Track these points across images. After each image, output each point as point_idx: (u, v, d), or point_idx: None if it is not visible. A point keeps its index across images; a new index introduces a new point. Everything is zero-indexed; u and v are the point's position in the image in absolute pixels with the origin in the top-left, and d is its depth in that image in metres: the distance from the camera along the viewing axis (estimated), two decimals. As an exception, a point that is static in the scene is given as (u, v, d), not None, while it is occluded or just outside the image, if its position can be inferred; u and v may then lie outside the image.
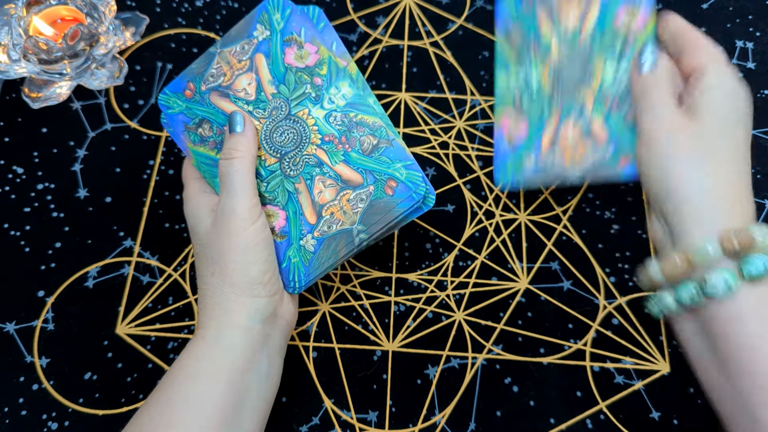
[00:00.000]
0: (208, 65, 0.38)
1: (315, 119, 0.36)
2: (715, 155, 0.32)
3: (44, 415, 0.40)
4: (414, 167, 0.35)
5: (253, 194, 0.35)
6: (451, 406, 0.40)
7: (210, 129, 0.38)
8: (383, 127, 0.35)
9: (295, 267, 0.36)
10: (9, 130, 0.49)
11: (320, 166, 0.36)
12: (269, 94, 0.37)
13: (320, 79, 0.36)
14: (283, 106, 0.36)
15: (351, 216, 0.35)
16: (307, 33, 0.36)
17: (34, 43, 0.44)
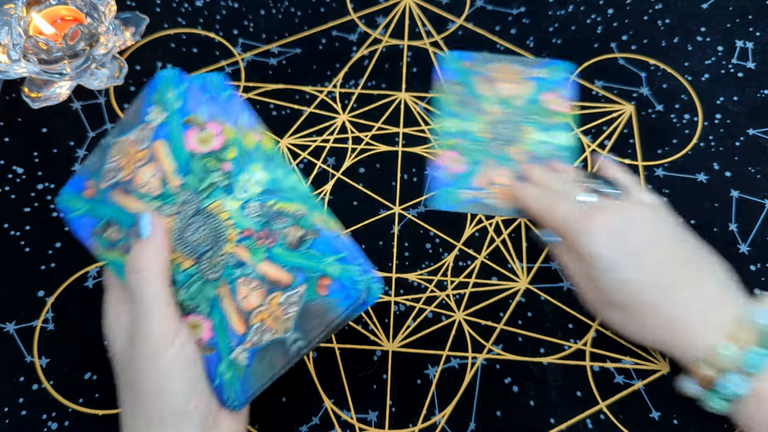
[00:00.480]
0: (105, 159, 0.33)
1: (229, 212, 0.31)
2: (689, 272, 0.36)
3: (44, 415, 0.40)
4: (348, 260, 0.29)
5: (168, 310, 0.30)
6: (451, 406, 0.40)
7: (118, 231, 0.33)
8: (307, 216, 0.30)
9: (229, 384, 0.31)
10: (9, 130, 0.49)
11: (241, 266, 0.31)
12: (176, 186, 0.32)
13: (229, 164, 0.31)
14: (193, 199, 0.31)
15: (283, 322, 0.30)
16: (207, 111, 0.31)
17: (34, 43, 0.44)
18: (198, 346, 0.32)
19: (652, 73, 0.51)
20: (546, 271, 0.44)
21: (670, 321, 0.35)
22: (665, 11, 0.54)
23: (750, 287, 0.43)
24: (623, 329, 0.38)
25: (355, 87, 0.51)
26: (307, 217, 0.30)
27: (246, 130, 0.32)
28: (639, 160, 0.48)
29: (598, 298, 0.38)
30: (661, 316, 0.35)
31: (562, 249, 0.39)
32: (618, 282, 0.35)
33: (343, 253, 0.30)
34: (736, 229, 0.45)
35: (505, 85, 0.45)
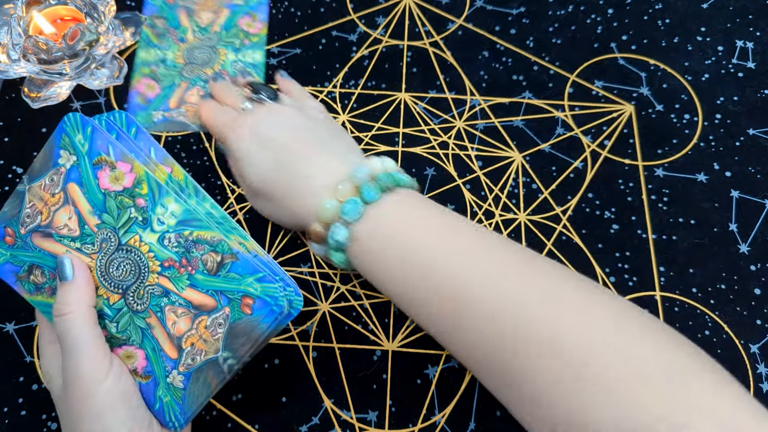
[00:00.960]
0: (21, 204, 0.34)
1: (149, 245, 0.32)
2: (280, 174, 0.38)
3: (44, 415, 0.40)
4: (268, 278, 0.31)
5: (98, 348, 0.31)
6: (451, 406, 0.40)
7: (42, 275, 0.34)
8: (224, 241, 0.32)
9: (169, 406, 0.33)
10: (9, 130, 0.49)
11: (167, 295, 0.32)
12: (93, 226, 0.33)
13: (143, 200, 0.32)
14: (112, 237, 0.33)
15: (213, 343, 0.32)
16: (116, 150, 0.32)
17: (34, 42, 0.44)
18: (135, 375, 0.33)
19: (652, 73, 0.51)
20: (546, 271, 0.44)
21: (296, 195, 0.37)
22: (665, 11, 0.54)
23: (750, 287, 0.43)
24: (271, 217, 0.40)
25: (355, 87, 0.51)
26: (224, 243, 0.32)
27: (157, 164, 0.33)
28: (639, 160, 0.48)
29: (248, 192, 0.40)
30: (289, 194, 0.37)
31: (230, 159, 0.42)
32: (253, 170, 0.38)
33: (261, 272, 0.31)
34: (736, 229, 0.45)
35: (205, 14, 0.50)
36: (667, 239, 0.45)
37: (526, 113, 0.50)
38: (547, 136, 0.49)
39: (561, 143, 0.49)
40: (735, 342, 0.42)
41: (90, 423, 0.30)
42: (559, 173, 0.47)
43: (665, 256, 0.44)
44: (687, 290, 0.43)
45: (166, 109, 0.49)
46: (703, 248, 0.45)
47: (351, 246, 0.35)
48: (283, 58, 0.52)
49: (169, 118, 0.49)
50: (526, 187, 0.47)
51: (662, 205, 0.46)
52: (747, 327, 0.42)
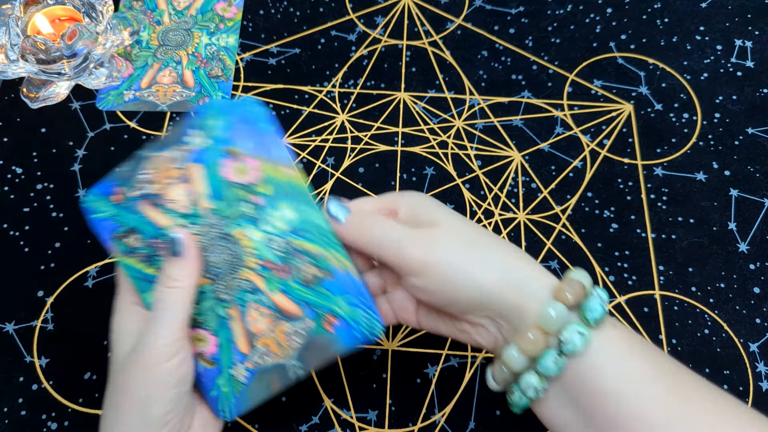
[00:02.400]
0: (138, 169, 0.34)
1: (253, 242, 0.33)
2: (476, 238, 0.32)
3: (44, 415, 0.40)
4: (356, 303, 0.32)
5: (182, 328, 0.31)
6: (451, 405, 0.40)
7: (139, 240, 0.34)
8: (326, 258, 0.32)
9: (225, 397, 0.33)
10: (8, 130, 0.49)
11: (255, 292, 0.33)
12: (204, 209, 0.33)
13: (261, 199, 0.32)
14: (219, 224, 0.33)
15: (286, 350, 0.32)
16: (247, 144, 0.32)
17: (32, 43, 0.44)
18: (200, 358, 0.33)
19: (651, 72, 0.51)
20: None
21: (507, 255, 0.31)
22: (664, 10, 0.54)
23: (749, 286, 0.43)
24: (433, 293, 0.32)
25: (354, 87, 0.51)
26: (326, 259, 0.32)
27: (279, 165, 0.33)
28: (638, 159, 0.48)
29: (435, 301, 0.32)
30: (501, 249, 0.32)
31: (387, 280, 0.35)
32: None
33: (352, 296, 0.32)
34: (735, 228, 0.45)
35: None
36: (666, 238, 0.45)
37: (525, 112, 0.50)
38: (547, 136, 0.49)
39: (560, 142, 0.49)
40: (734, 341, 0.42)
41: (143, 390, 0.30)
42: (558, 172, 0.47)
43: (664, 255, 0.44)
44: (686, 289, 0.43)
45: (138, 88, 0.50)
46: (702, 247, 0.45)
47: (564, 376, 0.30)
48: (282, 58, 0.52)
49: (140, 97, 0.49)
50: (525, 186, 0.47)
51: (661, 204, 0.46)
52: (746, 326, 0.42)
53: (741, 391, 0.40)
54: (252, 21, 0.54)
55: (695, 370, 0.41)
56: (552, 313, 0.29)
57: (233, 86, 0.51)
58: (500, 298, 0.30)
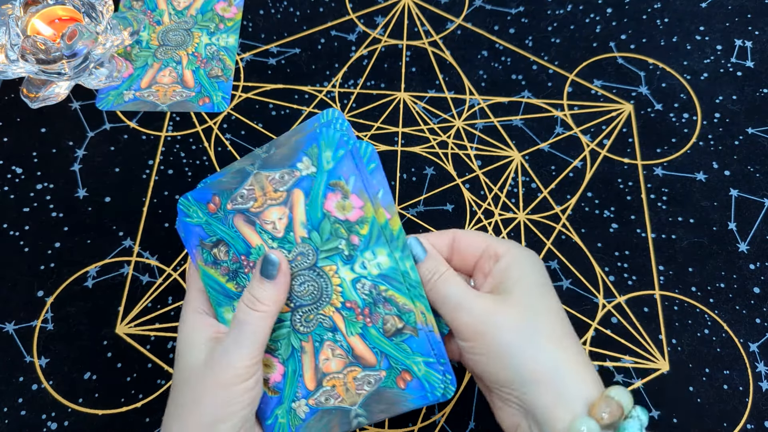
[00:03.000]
0: (241, 183, 0.33)
1: (342, 279, 0.32)
2: (544, 324, 0.31)
3: (44, 415, 0.40)
4: (435, 366, 0.31)
5: (261, 351, 0.31)
6: (451, 405, 0.40)
7: (226, 253, 0.33)
8: (413, 313, 0.31)
9: (281, 428, 0.33)
10: (8, 130, 0.49)
11: (334, 331, 0.32)
12: (299, 237, 0.32)
13: (358, 239, 0.31)
14: (311, 255, 0.32)
15: (353, 396, 0.32)
16: (356, 183, 0.31)
17: (32, 43, 0.44)
18: (264, 385, 0.33)
19: (651, 72, 0.51)
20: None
21: (535, 374, 0.30)
22: (664, 10, 0.54)
23: (749, 286, 0.43)
24: (478, 367, 0.32)
25: (354, 87, 0.51)
26: (412, 314, 0.31)
27: (381, 208, 0.32)
28: (638, 159, 0.48)
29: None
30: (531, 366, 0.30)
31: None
32: None
33: (432, 358, 0.31)
34: (735, 228, 0.45)
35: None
36: (666, 238, 0.45)
37: (525, 112, 0.50)
38: (547, 136, 0.49)
39: (560, 142, 0.49)
40: (734, 340, 0.42)
41: (215, 408, 0.30)
42: (558, 172, 0.47)
43: (664, 255, 0.44)
44: (686, 289, 0.43)
45: (138, 88, 0.50)
46: (702, 247, 0.45)
47: None
48: (282, 58, 0.52)
49: (139, 97, 0.49)
50: (525, 186, 0.47)
51: (661, 204, 0.46)
52: (746, 325, 0.42)
53: (741, 391, 0.40)
54: (252, 21, 0.54)
55: (695, 370, 0.41)
56: (583, 430, 0.28)
57: (233, 86, 0.51)
58: (536, 395, 0.29)
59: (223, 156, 0.48)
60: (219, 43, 0.52)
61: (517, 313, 0.31)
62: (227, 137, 0.49)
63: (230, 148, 0.48)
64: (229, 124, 0.49)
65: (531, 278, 0.32)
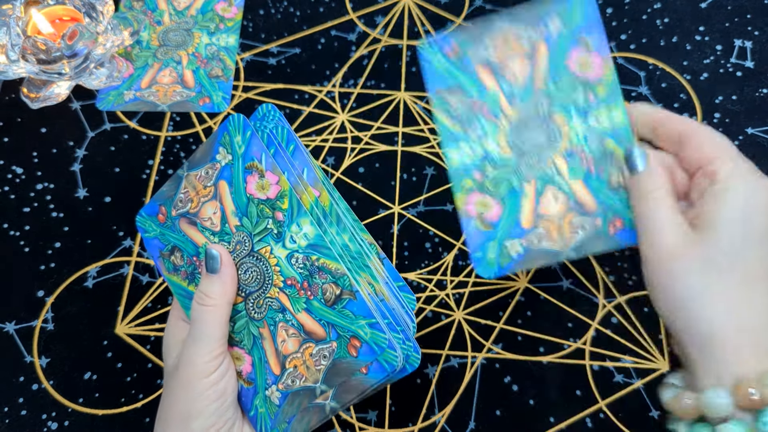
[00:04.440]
0: (177, 188, 0.35)
1: (277, 259, 0.32)
2: (742, 281, 0.28)
3: (44, 415, 0.40)
4: (379, 326, 0.30)
5: (219, 345, 0.32)
6: (451, 406, 0.40)
7: (181, 258, 0.35)
8: (347, 276, 0.31)
9: (262, 418, 0.33)
10: (8, 130, 0.49)
11: (283, 311, 0.32)
12: (233, 226, 0.33)
13: (282, 214, 0.32)
14: (247, 241, 0.33)
15: (314, 373, 0.32)
16: (267, 159, 0.32)
17: (33, 43, 0.44)
18: (239, 378, 0.34)
19: (650, 72, 0.51)
20: (545, 270, 0.44)
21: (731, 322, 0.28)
22: (664, 10, 0.54)
23: (749, 286, 0.43)
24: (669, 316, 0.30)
25: (354, 86, 0.51)
26: (346, 277, 0.31)
27: (306, 185, 0.33)
28: (638, 159, 0.48)
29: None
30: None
31: None
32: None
33: (375, 319, 0.30)
34: (735, 227, 0.45)
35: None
36: (666, 238, 0.45)
37: (525, 113, 0.50)
38: (547, 136, 0.49)
39: (560, 142, 0.49)
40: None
41: (184, 405, 0.31)
42: (558, 172, 0.47)
43: (664, 255, 0.44)
44: (686, 289, 0.43)
45: (138, 88, 0.50)
46: (702, 247, 0.45)
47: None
48: (282, 58, 0.52)
49: (140, 97, 0.49)
50: (525, 186, 0.47)
51: (661, 204, 0.46)
52: (746, 326, 0.42)
53: (741, 391, 0.40)
54: (252, 21, 0.54)
55: (695, 370, 0.41)
56: (721, 403, 0.27)
57: (233, 86, 0.51)
58: (699, 353, 0.28)
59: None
60: (219, 43, 0.52)
61: (709, 265, 0.28)
62: (227, 137, 0.49)
63: (230, 148, 0.48)
64: (229, 124, 0.49)
65: (744, 227, 0.28)
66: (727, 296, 0.28)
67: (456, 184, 0.35)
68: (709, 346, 0.28)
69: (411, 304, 0.33)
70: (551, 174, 0.31)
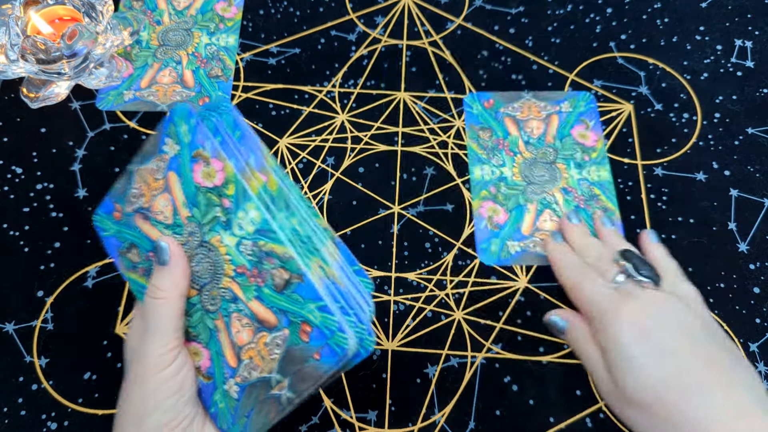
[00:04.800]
0: (129, 184, 0.34)
1: (227, 247, 0.32)
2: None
3: (43, 415, 0.40)
4: (328, 309, 0.29)
5: (173, 338, 0.31)
6: (451, 405, 0.40)
7: (138, 255, 0.34)
8: (294, 260, 0.30)
9: (222, 414, 0.33)
10: (8, 130, 0.49)
11: (236, 301, 0.32)
12: (184, 218, 0.33)
13: (228, 201, 0.31)
14: (197, 232, 0.32)
15: (269, 362, 0.31)
16: (212, 146, 0.31)
17: (32, 43, 0.44)
18: (199, 373, 0.33)
19: (651, 72, 0.51)
20: (545, 270, 0.44)
21: (695, 426, 0.31)
22: (664, 10, 0.54)
23: (749, 286, 0.43)
24: (641, 430, 0.33)
25: (354, 87, 0.51)
26: (293, 261, 0.30)
27: (253, 171, 0.32)
28: (638, 159, 0.48)
29: (618, 393, 0.34)
30: (686, 421, 0.31)
31: (583, 334, 0.37)
32: (643, 379, 0.32)
33: (323, 301, 0.29)
34: (735, 227, 0.45)
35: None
36: (666, 238, 0.45)
37: (525, 112, 0.50)
38: (547, 136, 0.49)
39: (560, 142, 0.49)
40: (734, 340, 0.42)
41: (138, 402, 0.31)
42: (558, 172, 0.47)
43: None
44: (686, 289, 0.43)
45: (138, 88, 0.50)
46: (702, 247, 0.45)
47: None
48: (282, 58, 0.52)
49: (139, 97, 0.49)
50: (525, 186, 0.47)
51: (661, 204, 0.46)
52: (746, 325, 0.42)
53: (741, 391, 0.40)
54: (252, 21, 0.54)
55: (695, 370, 0.41)
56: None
57: (233, 86, 0.51)
58: None
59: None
60: (219, 43, 0.52)
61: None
62: (227, 137, 0.49)
63: (230, 148, 0.48)
64: (229, 124, 0.49)
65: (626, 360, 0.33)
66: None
67: (475, 192, 0.46)
68: None
69: (368, 288, 0.33)
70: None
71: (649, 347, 0.33)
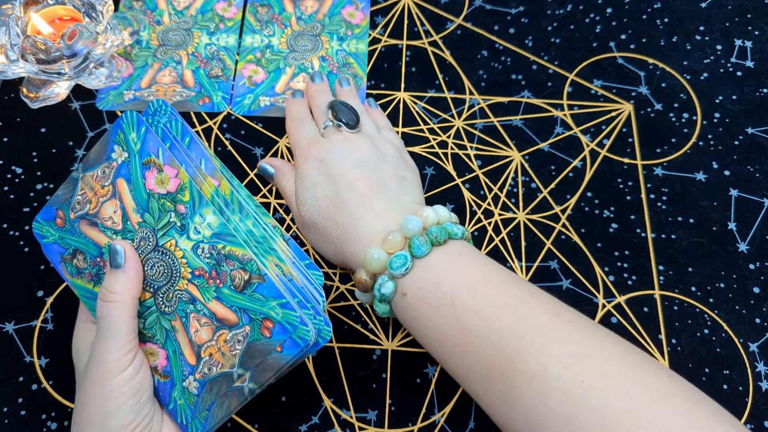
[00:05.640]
0: (74, 191, 0.35)
1: (183, 251, 0.33)
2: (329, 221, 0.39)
3: (43, 415, 0.40)
4: (290, 306, 0.31)
5: (129, 340, 0.32)
6: (451, 405, 0.40)
7: (84, 260, 0.35)
8: (254, 261, 0.32)
9: (182, 409, 0.34)
10: (8, 130, 0.49)
11: (194, 302, 0.33)
12: (135, 223, 0.34)
13: (183, 207, 0.32)
14: (150, 237, 0.33)
15: (230, 358, 0.32)
16: (165, 153, 0.33)
17: (32, 42, 0.44)
18: (155, 372, 0.34)
19: (650, 72, 0.51)
20: (545, 270, 0.44)
21: (347, 238, 0.37)
22: (664, 10, 0.54)
23: (749, 286, 0.43)
24: (318, 250, 0.41)
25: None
26: (253, 262, 0.32)
27: (205, 176, 0.34)
28: (638, 159, 0.48)
29: (301, 220, 0.41)
30: (341, 235, 0.38)
31: (287, 176, 0.43)
32: (311, 201, 0.39)
33: (285, 299, 0.31)
34: (735, 227, 0.45)
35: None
36: (666, 238, 0.45)
37: (525, 112, 0.50)
38: (546, 136, 0.49)
39: (560, 142, 0.49)
40: (734, 340, 0.42)
41: (99, 404, 0.31)
42: (558, 172, 0.47)
43: (664, 255, 0.44)
44: (686, 289, 0.43)
45: (138, 88, 0.50)
46: (702, 247, 0.45)
47: (396, 298, 0.36)
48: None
49: (139, 97, 0.49)
50: (525, 186, 0.47)
51: (661, 204, 0.46)
52: (746, 325, 0.42)
53: (741, 391, 0.40)
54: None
55: (695, 370, 0.41)
56: (375, 256, 0.35)
57: (233, 86, 0.51)
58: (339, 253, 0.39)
59: (223, 156, 0.48)
60: (219, 43, 0.52)
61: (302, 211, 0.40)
62: (227, 137, 0.49)
63: (230, 148, 0.48)
64: (228, 123, 0.49)
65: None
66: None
67: (242, 56, 0.51)
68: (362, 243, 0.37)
69: (318, 280, 0.34)
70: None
71: (325, 176, 0.39)
